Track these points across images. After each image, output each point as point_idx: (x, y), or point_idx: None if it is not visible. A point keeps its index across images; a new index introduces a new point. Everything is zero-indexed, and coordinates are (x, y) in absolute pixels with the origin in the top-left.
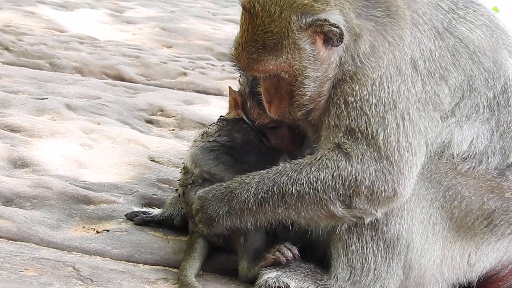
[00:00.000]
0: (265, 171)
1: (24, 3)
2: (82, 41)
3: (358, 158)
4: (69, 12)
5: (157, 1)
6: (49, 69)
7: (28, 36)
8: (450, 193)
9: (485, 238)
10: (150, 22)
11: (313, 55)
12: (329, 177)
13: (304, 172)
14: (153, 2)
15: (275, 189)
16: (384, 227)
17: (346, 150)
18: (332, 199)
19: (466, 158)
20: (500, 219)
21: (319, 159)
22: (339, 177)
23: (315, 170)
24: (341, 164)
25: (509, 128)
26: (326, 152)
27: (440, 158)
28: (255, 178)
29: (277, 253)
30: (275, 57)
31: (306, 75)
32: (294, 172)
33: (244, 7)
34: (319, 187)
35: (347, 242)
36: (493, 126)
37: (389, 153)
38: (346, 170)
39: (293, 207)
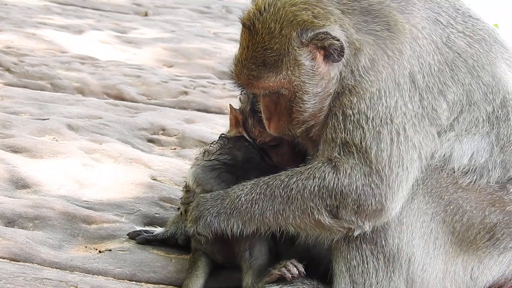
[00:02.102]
0: (264, 177)
1: (25, 24)
2: (83, 62)
3: (346, 172)
4: (70, 33)
5: (158, 21)
6: (51, 90)
7: (29, 57)
8: (451, 207)
9: (487, 252)
10: (151, 42)
11: (313, 71)
12: (316, 187)
13: (295, 178)
14: (154, 22)
15: (267, 192)
16: (383, 241)
17: (335, 163)
18: (318, 207)
19: (466, 172)
20: (502, 232)
21: (308, 168)
22: (324, 188)
23: (303, 178)
24: (328, 176)
25: (509, 142)
26: (316, 162)
27: (441, 172)
28: (252, 181)
29: (283, 269)
30: (275, 74)
31: (306, 91)
32: (287, 177)
33: (244, 24)
34: (306, 195)
35: (348, 257)
36: (493, 140)
37: (380, 168)
38: (332, 183)
39: (281, 212)
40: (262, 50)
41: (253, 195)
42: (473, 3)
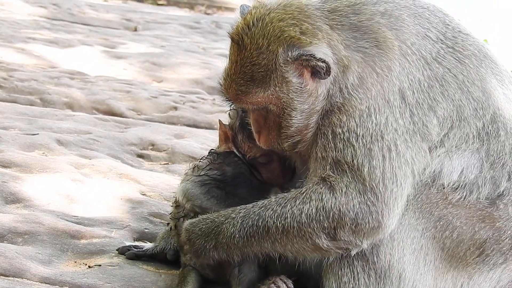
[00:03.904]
0: (250, 205)
1: (14, 39)
2: (73, 77)
3: (342, 190)
4: (59, 48)
5: (147, 36)
6: (40, 105)
7: (19, 72)
8: (441, 223)
9: (477, 268)
10: (140, 57)
11: (301, 87)
12: (313, 209)
13: (288, 205)
14: (144, 37)
15: (260, 223)
16: (375, 258)
17: (330, 183)
18: (316, 231)
19: (456, 188)
20: (492, 248)
21: (303, 193)
22: (322, 209)
23: (299, 203)
24: (325, 196)
25: (499, 158)
26: (310, 185)
27: (431, 188)
28: (240, 212)
29: (272, 285)
30: (263, 90)
31: (294, 107)
32: (279, 206)
33: (232, 39)
34: (303, 220)
35: (339, 273)
36: (483, 156)
37: (374, 185)
38: (329, 203)
39: (279, 241)
40: (250, 65)
41: (246, 229)
42: (463, 18)
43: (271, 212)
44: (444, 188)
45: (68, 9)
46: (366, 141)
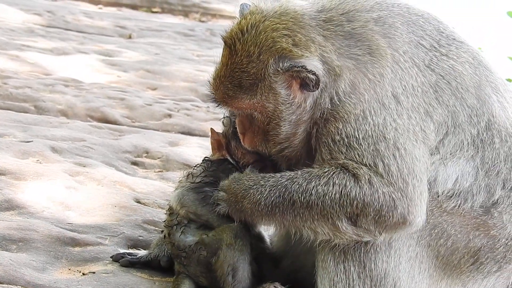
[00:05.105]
0: (279, 175)
1: (9, 46)
2: (67, 84)
3: (366, 179)
4: (53, 56)
5: (142, 44)
6: (34, 112)
7: (13, 80)
8: (436, 231)
9: (471, 276)
10: (134, 64)
11: (288, 99)
12: (337, 194)
13: (313, 182)
14: (138, 44)
15: (286, 196)
16: (372, 265)
17: (354, 171)
18: (339, 214)
19: (451, 196)
20: (486, 256)
21: (326, 172)
22: (346, 196)
23: (323, 184)
24: (349, 184)
25: (494, 166)
26: (333, 168)
27: None
28: (269, 181)
29: None
30: (249, 97)
31: (280, 118)
32: (305, 181)
33: (225, 42)
34: (327, 202)
35: (334, 279)
36: (478, 164)
37: (393, 181)
38: (354, 191)
39: (301, 215)
40: (239, 71)
41: (273, 199)
42: (457, 26)
43: (297, 186)
44: (438, 196)
45: (62, 17)
46: (369, 143)
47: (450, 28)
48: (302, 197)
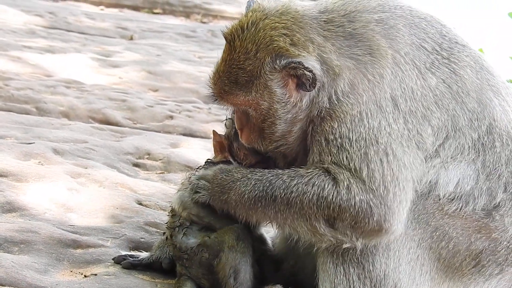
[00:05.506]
0: (266, 171)
1: (10, 48)
2: (69, 86)
3: (344, 184)
4: (55, 57)
5: (143, 45)
6: (36, 114)
7: (15, 81)
8: (437, 233)
9: (473, 278)
10: (136, 66)
11: (283, 98)
12: (315, 196)
13: (296, 180)
14: (139, 46)
15: (269, 191)
16: (371, 266)
17: (334, 175)
18: (316, 215)
19: (453, 199)
20: (488, 259)
21: (309, 172)
22: (323, 199)
23: (304, 183)
24: (327, 187)
25: (495, 169)
26: (317, 169)
27: (427, 199)
28: (256, 175)
29: None
30: (244, 94)
31: (275, 116)
32: (288, 178)
33: (225, 38)
34: (305, 202)
35: (335, 281)
36: (479, 167)
37: (375, 188)
38: (331, 195)
39: (281, 213)
40: (236, 68)
41: (256, 192)
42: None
43: (281, 182)
44: (440, 199)
45: (64, 18)
46: (360, 146)
47: (453, 31)
48: (283, 194)
